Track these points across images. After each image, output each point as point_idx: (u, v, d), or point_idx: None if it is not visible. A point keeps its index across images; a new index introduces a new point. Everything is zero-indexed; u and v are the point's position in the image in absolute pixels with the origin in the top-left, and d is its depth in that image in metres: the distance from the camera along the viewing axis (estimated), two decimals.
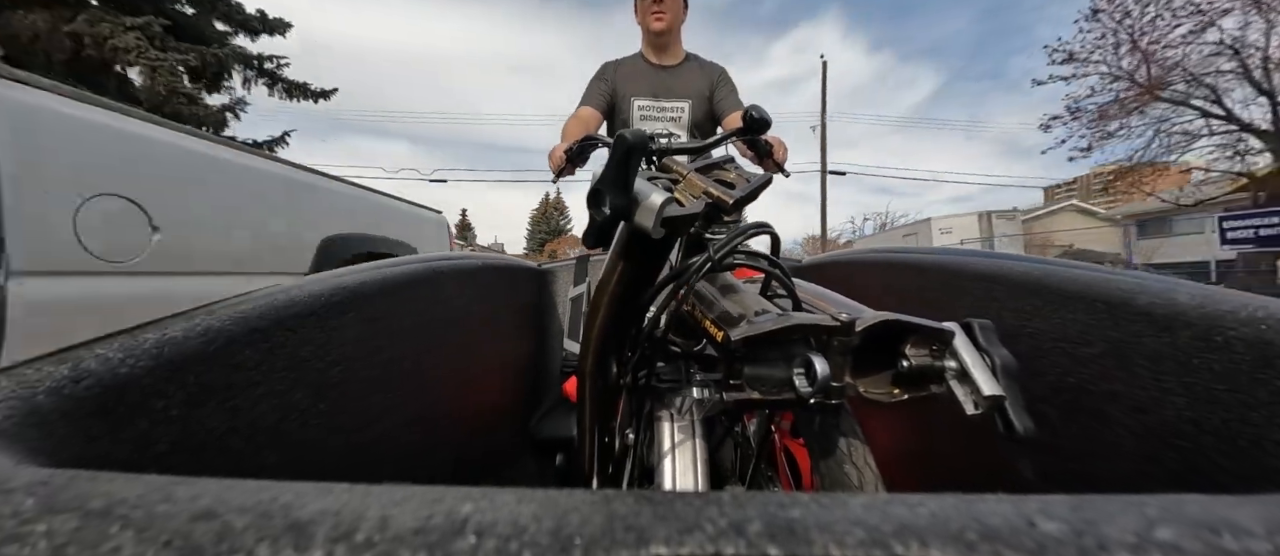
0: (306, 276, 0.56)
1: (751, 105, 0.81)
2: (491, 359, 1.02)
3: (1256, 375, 0.43)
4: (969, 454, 0.76)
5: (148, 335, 0.38)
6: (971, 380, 0.40)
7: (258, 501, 0.16)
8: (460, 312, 0.84)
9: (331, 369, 0.52)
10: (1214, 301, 0.48)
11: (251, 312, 0.45)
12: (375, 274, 0.62)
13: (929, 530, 0.15)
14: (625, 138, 0.36)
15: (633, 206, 0.39)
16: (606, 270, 0.52)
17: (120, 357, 0.35)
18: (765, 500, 0.17)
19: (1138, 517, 0.15)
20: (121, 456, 0.34)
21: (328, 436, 0.52)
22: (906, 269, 0.92)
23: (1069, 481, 0.60)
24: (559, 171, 1.18)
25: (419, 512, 0.15)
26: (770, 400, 0.43)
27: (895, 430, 0.91)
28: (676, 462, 0.54)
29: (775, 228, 0.56)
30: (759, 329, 0.41)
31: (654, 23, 1.50)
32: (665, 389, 0.57)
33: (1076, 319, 0.59)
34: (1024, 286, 0.66)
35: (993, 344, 0.41)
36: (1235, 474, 0.45)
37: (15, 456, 0.26)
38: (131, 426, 0.35)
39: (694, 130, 1.56)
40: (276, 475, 0.43)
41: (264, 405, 0.45)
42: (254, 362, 0.44)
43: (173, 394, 0.38)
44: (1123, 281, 0.57)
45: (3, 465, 0.24)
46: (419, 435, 0.71)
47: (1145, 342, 0.52)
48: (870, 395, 0.43)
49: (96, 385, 0.33)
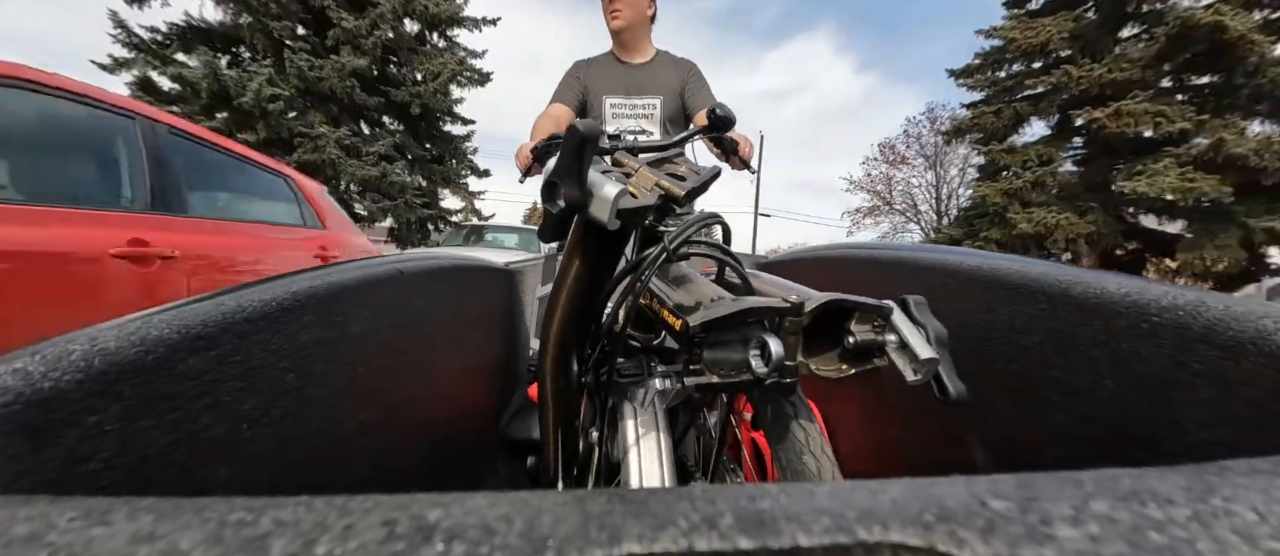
0: (258, 280, 0.53)
1: (716, 103, 0.82)
2: (459, 360, 0.99)
3: (1177, 358, 0.46)
4: (921, 438, 0.78)
5: (75, 346, 0.35)
6: (909, 349, 0.42)
7: (206, 518, 0.15)
8: (426, 314, 0.82)
9: (286, 375, 0.50)
10: (1141, 290, 0.51)
11: (194, 319, 0.42)
12: (335, 276, 0.60)
13: (890, 514, 0.16)
14: (577, 128, 0.36)
15: (587, 198, 0.38)
16: (562, 266, 0.51)
17: (43, 371, 0.32)
18: (735, 493, 0.17)
19: (1076, 492, 0.16)
20: (49, 477, 0.32)
21: (284, 445, 0.50)
22: (865, 264, 0.95)
23: (1016, 463, 0.63)
24: (526, 170, 1.17)
25: (385, 521, 0.15)
26: (729, 382, 0.44)
27: (849, 416, 0.93)
28: (642, 458, 0.54)
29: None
30: (715, 313, 0.42)
31: (611, 20, 1.50)
32: (627, 383, 0.57)
33: (1021, 309, 0.62)
34: (974, 278, 0.69)
35: (926, 316, 0.43)
36: (1159, 449, 0.48)
37: None
38: (58, 444, 0.32)
39: (666, 126, 1.57)
40: (228, 490, 0.41)
41: (210, 416, 0.42)
42: (199, 372, 0.41)
43: (106, 408, 0.35)
44: (1061, 273, 0.59)
45: None
46: (384, 441, 0.68)
47: (1080, 331, 0.55)
48: (821, 373, 0.44)
49: (15, 402, 0.31)
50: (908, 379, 0.42)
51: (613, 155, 0.58)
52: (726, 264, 0.56)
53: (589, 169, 0.39)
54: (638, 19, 1.52)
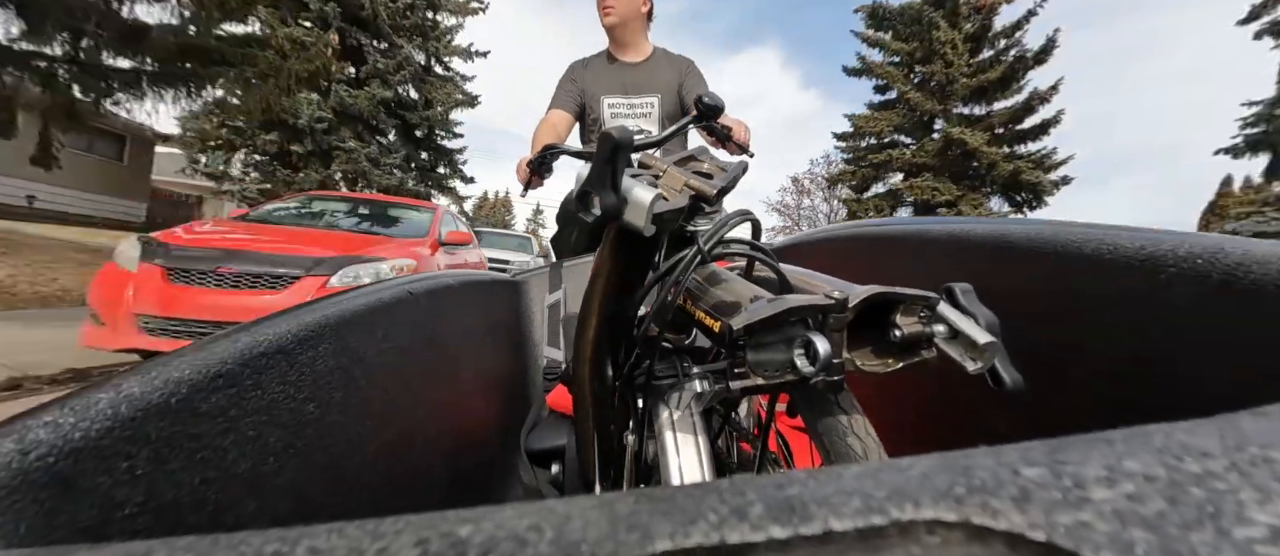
0: (269, 315, 0.54)
1: (703, 92, 0.81)
2: (473, 374, 0.99)
3: (1193, 311, 0.45)
4: (949, 414, 0.77)
5: (101, 395, 0.36)
6: (964, 337, 0.40)
7: (241, 554, 0.15)
8: (437, 332, 0.82)
9: (306, 406, 0.51)
10: (1155, 242, 0.49)
11: (212, 359, 0.43)
12: (345, 304, 0.61)
13: (920, 490, 0.15)
14: (612, 136, 0.35)
15: (623, 205, 0.38)
16: (594, 273, 0.51)
17: (72, 422, 0.33)
18: (763, 482, 0.17)
19: (1107, 452, 0.16)
20: (86, 524, 0.32)
21: (310, 475, 0.50)
22: (873, 241, 0.92)
23: (1044, 431, 0.52)
24: (526, 184, 1.15)
25: (418, 540, 0.15)
26: (775, 383, 0.42)
27: (879, 400, 0.88)
28: (682, 460, 0.53)
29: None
30: (758, 315, 0.41)
31: (604, 17, 1.47)
32: (662, 386, 0.56)
33: (1034, 271, 0.60)
34: (986, 246, 0.66)
35: (974, 304, 0.42)
36: (1179, 406, 0.45)
37: None
38: (93, 491, 0.33)
39: (665, 123, 1.53)
40: (258, 523, 0.44)
41: (236, 451, 0.43)
42: (221, 409, 0.42)
43: (136, 453, 0.36)
44: (1073, 232, 0.57)
45: None
46: (406, 462, 0.69)
47: (1094, 288, 0.53)
48: (867, 368, 0.43)
49: (48, 454, 0.31)
50: (968, 369, 0.40)
51: (639, 156, 0.57)
52: (761, 261, 0.55)
53: (623, 176, 0.38)
54: (631, 15, 1.48)
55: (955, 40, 13.40)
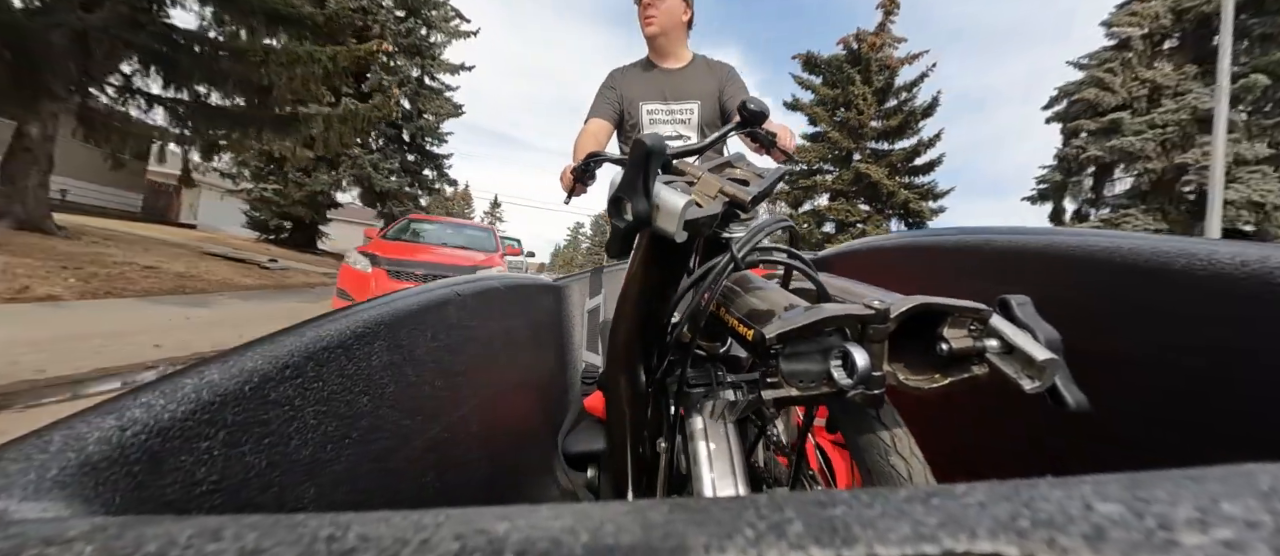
0: (331, 312, 0.55)
1: (747, 97, 0.77)
2: (515, 376, 0.98)
3: (1276, 329, 0.39)
4: (1002, 435, 0.70)
5: (187, 380, 0.37)
6: (1021, 353, 0.37)
7: (300, 535, 0.16)
8: (482, 333, 0.82)
9: (361, 399, 0.51)
10: (1238, 255, 0.44)
11: (282, 351, 0.44)
12: (398, 303, 0.61)
13: (979, 520, 0.14)
14: (644, 143, 0.34)
15: (654, 211, 0.37)
16: (628, 279, 0.50)
17: (163, 404, 0.35)
18: (804, 500, 0.16)
19: (1199, 492, 0.14)
20: (170, 498, 0.34)
21: (361, 464, 0.51)
22: (920, 252, 0.86)
23: (1117, 465, 0.52)
24: (570, 191, 1.13)
25: (457, 534, 0.15)
26: (810, 395, 0.39)
27: (924, 417, 0.77)
28: (714, 468, 0.51)
29: None
30: (793, 323, 0.38)
31: (645, 27, 1.44)
32: (695, 393, 0.54)
33: (1096, 283, 0.55)
34: (1042, 256, 0.62)
35: (1033, 318, 0.39)
36: (1258, 437, 0.41)
37: (72, 507, 0.27)
38: (178, 469, 0.34)
39: (704, 130, 1.48)
40: (315, 506, 0.45)
41: (299, 439, 0.44)
42: (288, 398, 0.43)
43: (213, 434, 0.37)
44: (1134, 243, 0.53)
45: (61, 515, 0.25)
46: (449, 457, 0.69)
47: (1164, 303, 0.48)
48: (910, 384, 0.40)
49: (142, 432, 0.33)
50: (1025, 388, 0.37)
51: (674, 163, 0.53)
52: (798, 270, 0.53)
53: (655, 182, 0.37)
54: (672, 24, 1.45)
55: (866, 93, 15.73)
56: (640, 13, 1.45)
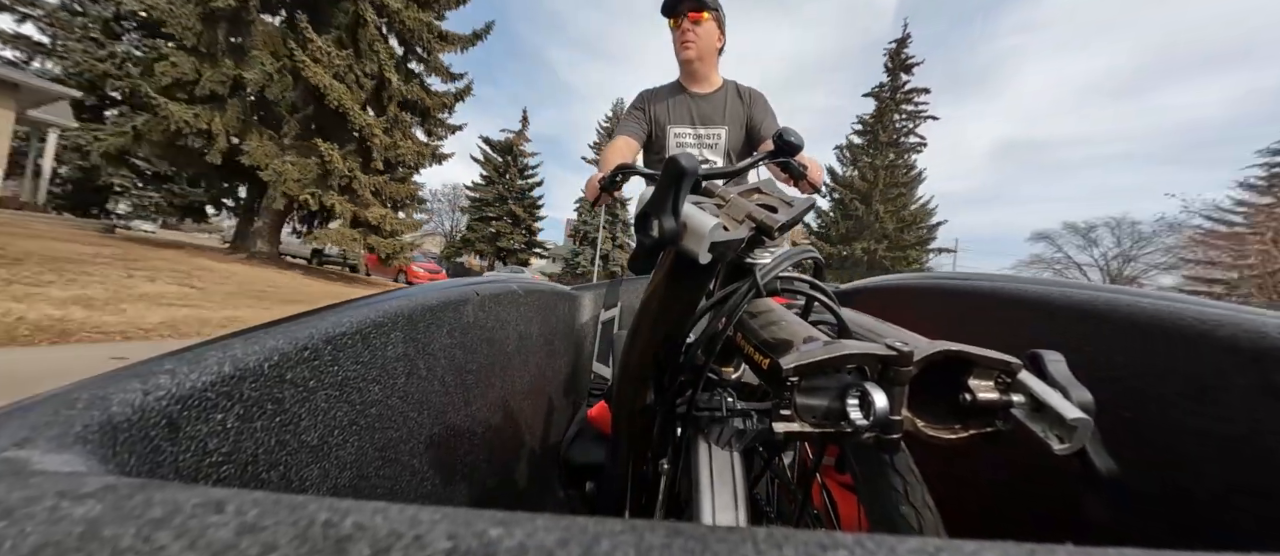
0: (355, 298, 0.55)
1: (783, 128, 0.76)
2: (525, 380, 0.97)
3: None
4: (1023, 495, 0.66)
5: (211, 351, 0.38)
6: (1050, 412, 0.35)
7: (298, 518, 0.16)
8: (497, 334, 0.82)
9: (372, 387, 0.52)
10: (1274, 325, 0.43)
11: (302, 333, 0.45)
12: (419, 296, 0.62)
13: None
14: (678, 161, 0.34)
15: (682, 230, 0.37)
16: (648, 295, 0.49)
17: (186, 371, 0.35)
18: (805, 539, 0.15)
19: None
20: (182, 465, 0.34)
21: (367, 453, 0.51)
22: (950, 295, 0.83)
23: (1144, 530, 0.51)
24: (595, 200, 1.14)
25: (451, 534, 0.15)
26: (823, 433, 0.38)
27: (941, 469, 0.74)
28: (716, 495, 0.49)
29: None
30: (811, 357, 0.37)
31: (683, 51, 1.45)
32: (704, 418, 0.53)
33: (1128, 344, 0.53)
34: (1081, 311, 0.59)
35: (1065, 376, 0.37)
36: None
37: (89, 463, 0.27)
38: (193, 437, 0.35)
39: (730, 155, 1.49)
40: (318, 489, 0.45)
41: (309, 420, 0.45)
42: (303, 379, 0.44)
43: (229, 407, 0.38)
44: (1203, 311, 0.50)
45: (77, 470, 0.25)
46: (452, 454, 0.69)
47: (1233, 377, 0.45)
48: (929, 432, 0.38)
49: (164, 397, 0.33)
50: (1053, 448, 0.35)
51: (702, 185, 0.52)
52: (820, 302, 0.52)
53: (684, 202, 0.37)
54: (708, 50, 1.47)
55: (879, 210, 19.70)
56: (677, 37, 1.47)
